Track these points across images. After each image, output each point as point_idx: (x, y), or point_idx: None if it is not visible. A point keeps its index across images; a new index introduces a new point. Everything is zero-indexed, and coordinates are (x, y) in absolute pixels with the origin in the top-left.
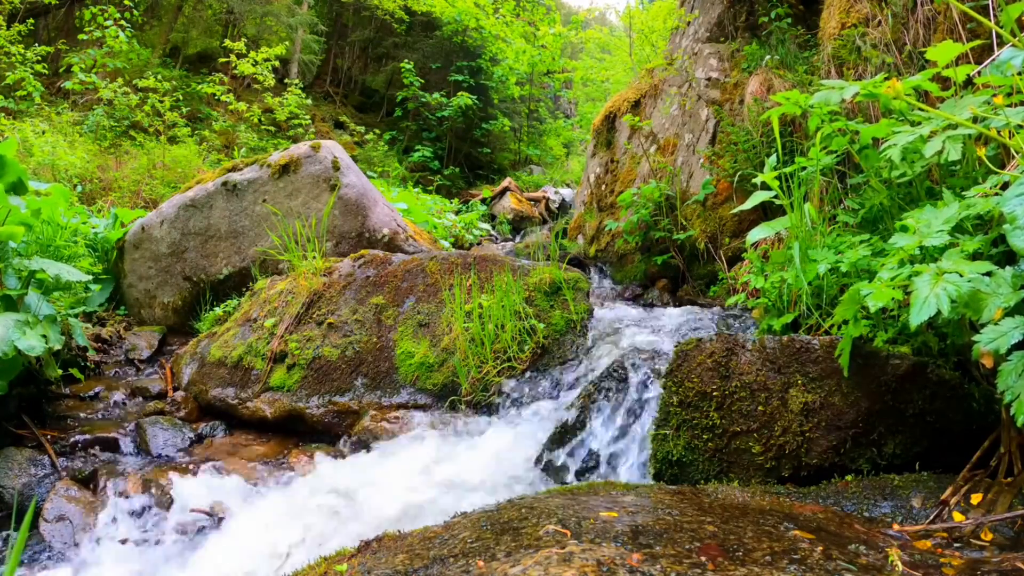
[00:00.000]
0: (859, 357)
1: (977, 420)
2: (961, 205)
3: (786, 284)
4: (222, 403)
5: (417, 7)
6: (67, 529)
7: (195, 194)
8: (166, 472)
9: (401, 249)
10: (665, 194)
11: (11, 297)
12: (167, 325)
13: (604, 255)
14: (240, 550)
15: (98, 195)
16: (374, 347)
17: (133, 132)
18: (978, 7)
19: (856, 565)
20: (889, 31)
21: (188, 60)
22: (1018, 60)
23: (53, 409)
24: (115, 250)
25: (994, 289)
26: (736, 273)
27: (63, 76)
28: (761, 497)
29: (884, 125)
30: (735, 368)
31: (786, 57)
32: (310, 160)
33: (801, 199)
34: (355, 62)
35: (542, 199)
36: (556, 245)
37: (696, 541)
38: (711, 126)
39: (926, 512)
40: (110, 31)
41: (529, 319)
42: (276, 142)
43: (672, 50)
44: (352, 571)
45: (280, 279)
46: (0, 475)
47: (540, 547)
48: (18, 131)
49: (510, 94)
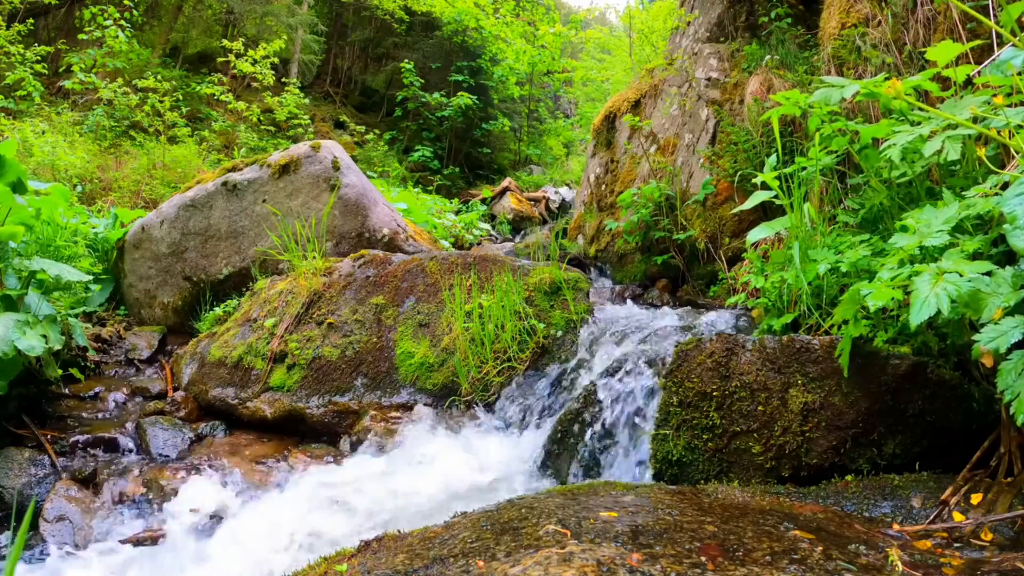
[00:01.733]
0: (859, 357)
1: (977, 420)
2: (961, 205)
3: (786, 284)
4: (222, 403)
5: (417, 7)
6: (67, 529)
7: (195, 194)
8: (166, 472)
9: (401, 249)
10: (665, 194)
11: (11, 297)
12: (167, 325)
13: (604, 255)
14: (240, 550)
15: (98, 195)
16: (374, 347)
17: (133, 132)
18: (978, 7)
19: (856, 565)
20: (889, 31)
21: (188, 60)
22: (1018, 60)
23: (53, 409)
24: (115, 250)
25: (994, 289)
26: (736, 273)
27: (63, 76)
28: (761, 497)
29: (884, 125)
30: (735, 368)
31: (786, 57)
32: (310, 160)
33: (801, 199)
34: (355, 62)
35: (542, 199)
36: (556, 245)
37: (696, 541)
38: (711, 126)
39: (926, 512)
40: (110, 31)
41: (529, 319)
42: (276, 142)
43: (672, 50)
44: (352, 571)
45: (280, 279)
46: (0, 475)
47: (540, 547)
48: (18, 131)
49: (510, 94)
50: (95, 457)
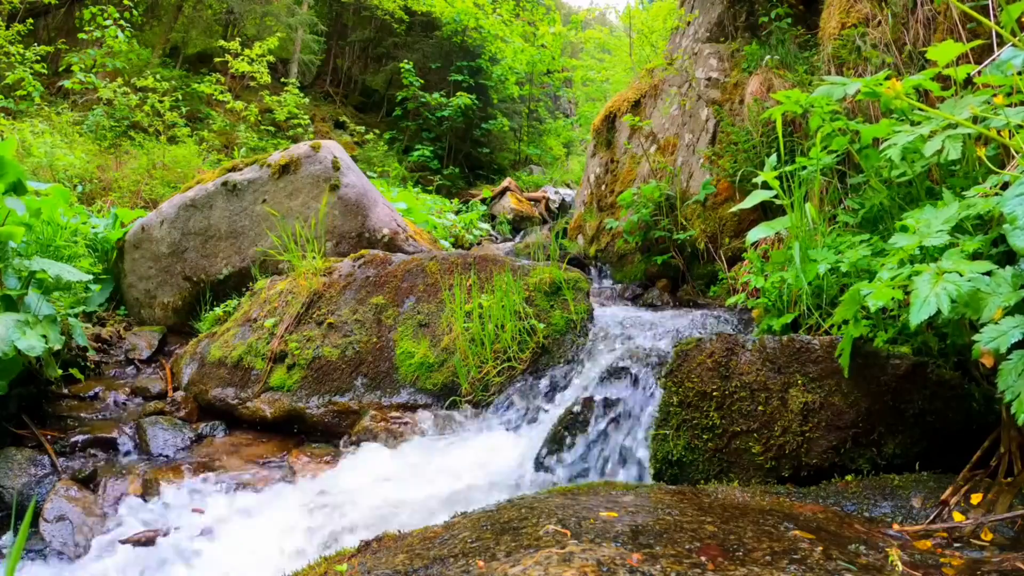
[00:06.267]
0: (859, 357)
1: (977, 420)
2: (961, 205)
3: (786, 284)
4: (222, 403)
5: (417, 7)
6: (67, 529)
7: (195, 194)
8: (166, 472)
9: (401, 249)
10: (665, 194)
11: (11, 297)
12: (167, 325)
13: (604, 255)
14: (240, 550)
15: (98, 195)
16: (374, 347)
17: (133, 132)
18: (978, 7)
19: (856, 565)
20: (889, 31)
21: (188, 60)
22: (1018, 60)
23: (53, 409)
24: (115, 250)
25: (994, 289)
26: (736, 273)
27: (63, 76)
28: (761, 497)
29: (884, 125)
30: (735, 368)
31: (786, 57)
32: (310, 160)
33: (801, 199)
34: (355, 62)
35: (542, 199)
36: (556, 245)
37: (696, 541)
38: (711, 126)
39: (926, 512)
40: (110, 31)
41: (529, 319)
42: (276, 142)
43: (672, 50)
44: (352, 571)
45: (280, 279)
46: (0, 475)
47: (540, 547)
48: (17, 131)
49: (510, 94)
50: (95, 457)
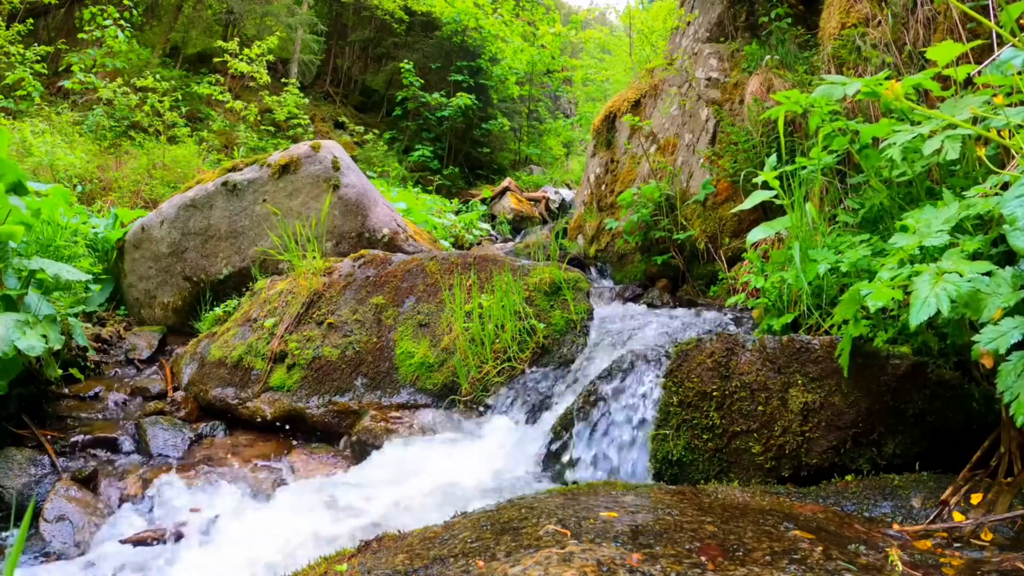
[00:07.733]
0: (859, 357)
1: (977, 420)
2: (961, 205)
3: (786, 284)
4: (222, 403)
5: (417, 7)
6: (67, 529)
7: (195, 194)
8: (166, 472)
9: (401, 249)
10: (665, 194)
11: (11, 297)
12: (167, 325)
13: (604, 255)
14: (240, 550)
15: (98, 195)
16: (374, 347)
17: (133, 132)
18: (978, 7)
19: (856, 565)
20: (889, 31)
21: (188, 60)
22: (1018, 60)
23: (53, 409)
24: (115, 250)
25: (994, 289)
26: (736, 273)
27: (63, 76)
28: (761, 497)
29: (884, 125)
30: (735, 368)
31: (786, 57)
32: (310, 160)
33: (801, 199)
34: (355, 62)
35: (542, 199)
36: (556, 245)
37: (696, 541)
38: (711, 126)
39: (926, 512)
40: (110, 31)
41: (529, 319)
42: (276, 142)
43: (672, 50)
44: (352, 571)
45: (280, 279)
46: (0, 475)
47: (540, 547)
48: (17, 131)
49: (510, 94)
50: (95, 457)
